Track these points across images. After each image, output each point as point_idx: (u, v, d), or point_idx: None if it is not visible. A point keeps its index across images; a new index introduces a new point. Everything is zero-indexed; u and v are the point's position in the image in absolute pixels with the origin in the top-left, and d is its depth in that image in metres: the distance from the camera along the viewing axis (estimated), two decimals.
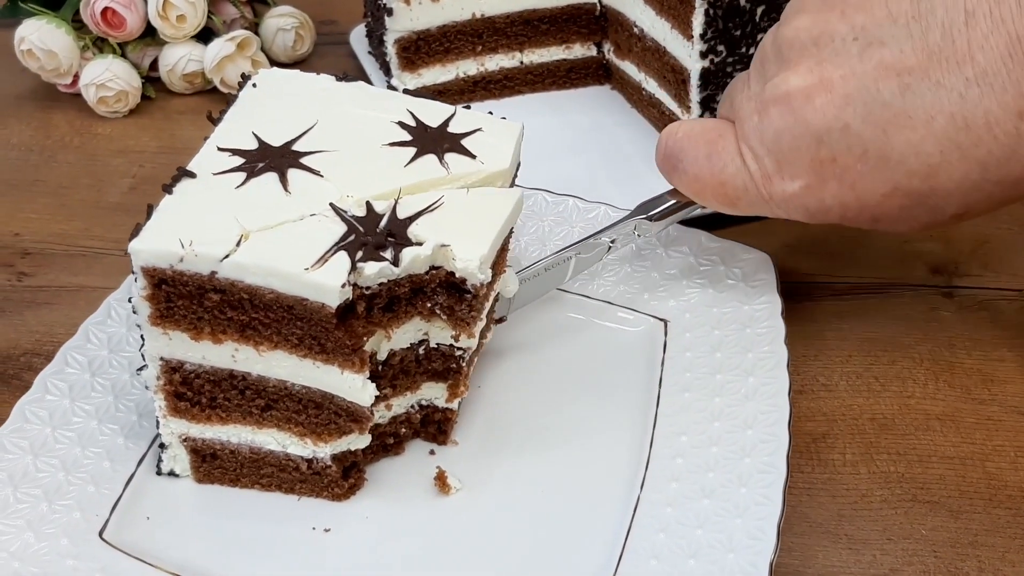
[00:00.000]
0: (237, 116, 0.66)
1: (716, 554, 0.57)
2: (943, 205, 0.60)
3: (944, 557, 0.62)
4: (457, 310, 0.61)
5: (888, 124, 0.58)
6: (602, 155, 0.95)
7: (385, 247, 0.58)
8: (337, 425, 0.62)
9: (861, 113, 0.58)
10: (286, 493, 0.65)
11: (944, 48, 0.55)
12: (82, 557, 0.58)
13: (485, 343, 0.70)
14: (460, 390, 0.66)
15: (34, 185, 0.94)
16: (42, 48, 1.00)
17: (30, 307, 0.80)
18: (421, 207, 0.61)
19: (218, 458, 0.64)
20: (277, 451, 0.63)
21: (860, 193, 0.61)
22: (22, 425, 0.64)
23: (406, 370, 0.65)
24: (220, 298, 0.58)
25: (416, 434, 0.68)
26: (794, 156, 0.61)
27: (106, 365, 0.69)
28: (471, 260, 0.59)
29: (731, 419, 0.64)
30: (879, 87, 0.58)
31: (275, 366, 0.60)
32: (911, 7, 0.57)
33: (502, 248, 0.64)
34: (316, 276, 0.56)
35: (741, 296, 0.72)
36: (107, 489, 0.63)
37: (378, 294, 0.59)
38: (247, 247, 0.57)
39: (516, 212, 0.64)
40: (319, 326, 0.57)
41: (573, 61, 1.03)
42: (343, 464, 0.64)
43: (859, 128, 0.59)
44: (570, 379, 0.71)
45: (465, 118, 0.67)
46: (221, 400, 0.62)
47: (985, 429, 0.70)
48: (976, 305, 0.80)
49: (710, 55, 0.84)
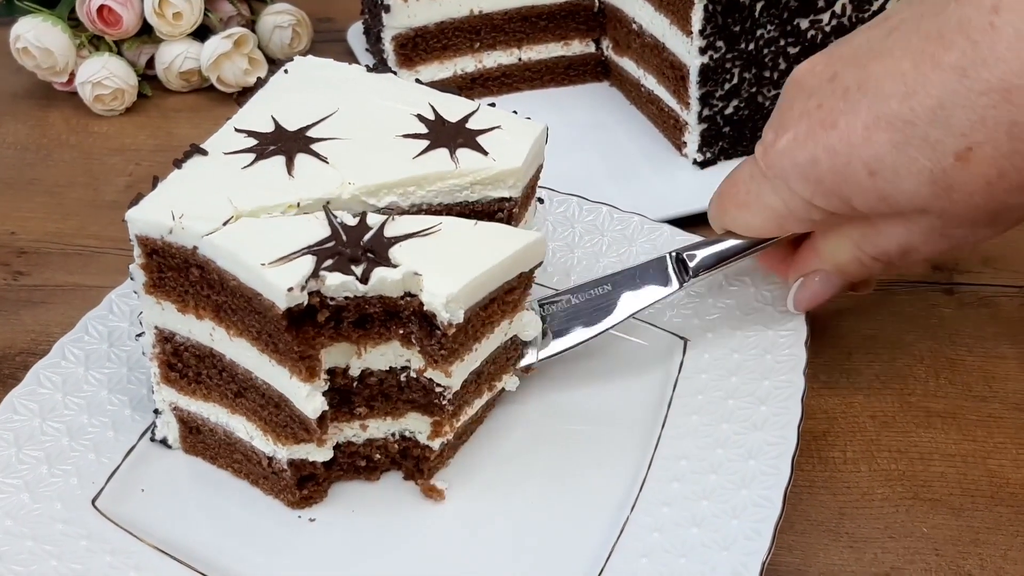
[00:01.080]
0: (261, 100, 0.67)
1: (709, 553, 0.57)
2: (935, 137, 0.55)
3: (946, 555, 0.62)
4: (427, 344, 0.59)
5: (870, 60, 0.58)
6: (601, 152, 0.94)
7: (359, 261, 0.56)
8: (293, 431, 0.61)
9: (849, 59, 0.59)
10: (252, 484, 0.64)
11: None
12: (71, 523, 0.59)
13: (498, 394, 0.67)
14: (444, 430, 0.62)
15: (30, 184, 0.94)
16: (38, 46, 0.99)
17: (26, 306, 0.80)
18: (415, 229, 0.59)
19: (201, 432, 0.65)
20: (245, 440, 0.63)
21: (844, 132, 0.58)
22: (34, 388, 0.66)
23: (386, 394, 0.62)
24: (200, 274, 0.58)
25: (395, 464, 0.65)
26: (787, 113, 0.61)
27: (124, 337, 0.70)
28: (437, 295, 0.55)
29: (735, 447, 0.63)
30: (868, 36, 0.59)
31: (242, 354, 0.60)
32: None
33: (508, 290, 0.61)
34: (269, 274, 0.55)
35: (767, 320, 0.71)
36: (107, 458, 0.64)
37: (345, 307, 0.57)
38: (228, 230, 0.57)
39: (528, 255, 0.61)
40: (272, 324, 0.56)
41: (571, 58, 1.02)
42: (300, 472, 0.62)
43: (844, 72, 0.59)
44: (579, 390, 0.70)
45: (487, 115, 0.66)
46: (204, 376, 0.63)
47: (986, 426, 0.69)
48: (977, 302, 0.79)
49: (709, 51, 0.84)
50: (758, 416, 0.64)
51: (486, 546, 0.61)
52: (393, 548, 0.61)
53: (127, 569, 0.58)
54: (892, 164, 0.56)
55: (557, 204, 0.80)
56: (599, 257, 0.77)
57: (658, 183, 0.90)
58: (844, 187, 0.59)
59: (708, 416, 0.65)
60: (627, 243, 0.77)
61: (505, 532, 0.62)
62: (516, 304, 0.63)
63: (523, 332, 0.65)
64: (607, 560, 0.58)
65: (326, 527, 0.62)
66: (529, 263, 0.62)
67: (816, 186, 0.60)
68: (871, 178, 0.57)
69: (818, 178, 0.59)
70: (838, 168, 0.58)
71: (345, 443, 0.63)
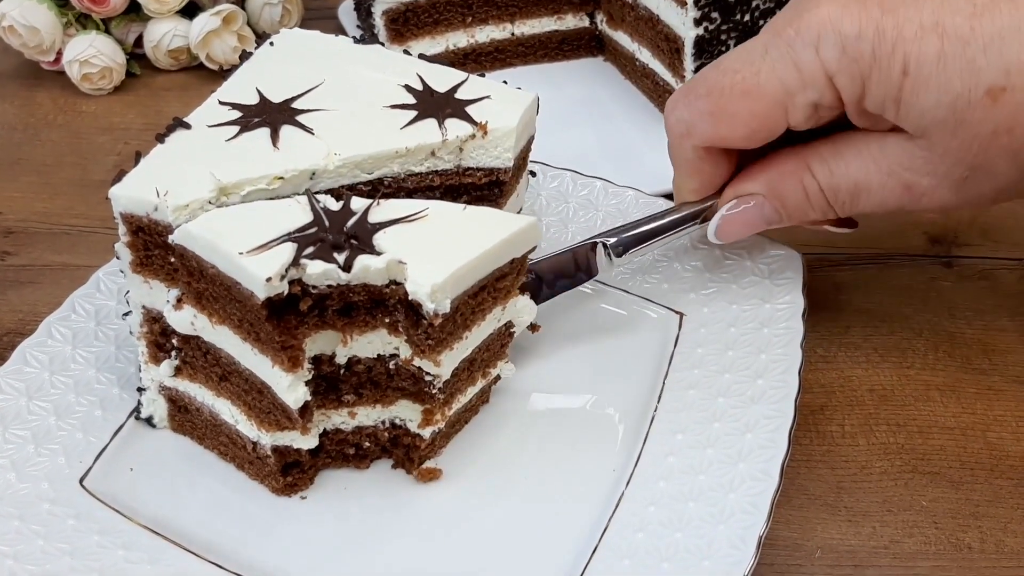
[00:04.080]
0: (247, 72, 0.66)
1: (706, 527, 0.56)
2: (980, 64, 0.54)
3: (945, 528, 0.61)
4: (413, 334, 0.57)
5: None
6: (595, 128, 0.93)
7: (342, 249, 0.55)
8: (276, 418, 0.59)
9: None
10: (237, 468, 0.63)
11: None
12: (59, 502, 0.59)
13: (494, 381, 0.65)
14: (435, 418, 0.60)
15: (17, 164, 0.93)
16: (24, 24, 0.98)
17: (13, 286, 0.79)
18: (400, 214, 0.57)
19: (188, 412, 0.64)
20: (230, 423, 0.62)
21: (900, 21, 0.55)
22: (20, 368, 0.65)
23: (375, 381, 0.61)
24: (181, 262, 0.57)
25: (385, 453, 0.64)
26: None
27: (112, 315, 0.69)
28: (422, 286, 0.54)
29: (732, 421, 0.62)
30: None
31: (225, 341, 0.59)
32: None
33: (498, 277, 0.59)
34: (247, 262, 0.53)
35: (764, 293, 0.69)
36: (95, 437, 0.63)
37: (328, 296, 0.55)
38: (206, 217, 0.56)
39: (520, 240, 0.59)
40: (252, 313, 0.55)
41: (565, 32, 1.01)
42: (284, 459, 0.60)
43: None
44: (571, 366, 0.69)
45: (476, 85, 0.65)
46: (189, 357, 0.62)
47: (986, 399, 0.68)
48: (976, 275, 0.78)
49: (704, 22, 0.82)
50: (755, 390, 0.63)
51: (474, 534, 0.60)
52: (382, 529, 0.60)
53: (115, 548, 0.57)
54: (928, 73, 0.55)
55: (551, 179, 0.79)
56: (593, 231, 0.76)
57: (654, 158, 0.88)
58: (873, 74, 0.57)
59: (704, 390, 0.65)
60: (622, 217, 0.76)
61: (492, 518, 0.61)
62: (508, 290, 0.61)
63: (517, 318, 0.63)
64: (602, 535, 0.57)
65: (315, 506, 0.62)
66: (521, 248, 0.60)
67: (849, 63, 0.57)
68: (902, 77, 0.56)
69: (856, 55, 0.57)
70: (879, 54, 0.56)
71: (333, 430, 0.62)
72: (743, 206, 0.65)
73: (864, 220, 0.82)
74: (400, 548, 0.59)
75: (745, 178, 0.65)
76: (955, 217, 0.83)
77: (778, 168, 0.63)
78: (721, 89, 0.61)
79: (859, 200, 0.61)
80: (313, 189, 0.60)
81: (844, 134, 0.61)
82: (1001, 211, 0.84)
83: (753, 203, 0.64)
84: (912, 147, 0.58)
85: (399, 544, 0.60)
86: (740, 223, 0.65)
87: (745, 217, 0.65)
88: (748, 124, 0.61)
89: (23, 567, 0.55)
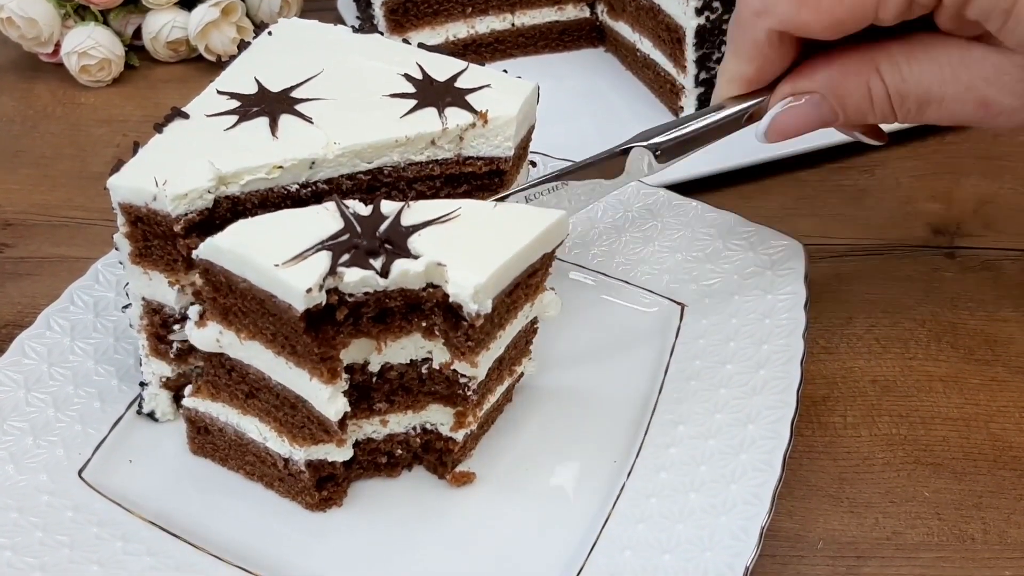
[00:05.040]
0: (245, 61, 0.65)
1: (707, 518, 0.56)
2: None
3: (948, 519, 0.61)
4: (452, 336, 0.55)
5: None
6: (597, 119, 0.93)
7: (377, 254, 0.53)
8: (311, 431, 0.58)
9: None
10: (266, 487, 0.61)
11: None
12: (57, 494, 0.59)
13: (518, 379, 0.64)
14: (468, 420, 0.59)
15: (16, 156, 0.92)
16: (22, 16, 0.97)
17: (11, 278, 0.79)
18: (433, 216, 0.55)
19: (210, 433, 0.62)
20: (258, 441, 0.60)
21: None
22: (19, 359, 0.64)
23: (407, 387, 0.59)
24: (206, 278, 0.55)
25: (417, 459, 0.62)
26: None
27: (110, 307, 0.68)
28: (464, 288, 0.52)
29: (734, 412, 0.61)
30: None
31: (255, 357, 0.57)
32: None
33: (531, 273, 0.58)
34: (284, 274, 0.51)
35: (766, 284, 0.69)
36: (93, 429, 0.63)
37: (364, 303, 0.54)
38: (232, 230, 0.54)
39: (551, 236, 0.57)
40: (289, 326, 0.53)
41: (566, 23, 1.00)
42: (318, 473, 0.59)
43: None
44: (572, 357, 0.68)
45: (476, 74, 0.64)
46: (212, 376, 0.60)
47: (989, 390, 0.68)
48: (979, 265, 0.78)
49: (705, 11, 0.82)
50: (757, 380, 0.63)
51: (473, 525, 0.60)
52: (382, 518, 0.60)
53: (114, 540, 0.57)
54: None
55: (551, 169, 0.78)
56: (595, 223, 0.76)
57: None
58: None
59: (706, 381, 0.64)
60: (622, 208, 0.76)
61: (495, 507, 0.60)
62: (538, 286, 0.60)
63: (544, 313, 0.62)
64: (603, 526, 0.57)
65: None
66: (552, 243, 0.58)
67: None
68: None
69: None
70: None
71: (364, 440, 0.60)
72: (798, 102, 0.60)
73: (866, 211, 0.82)
74: (393, 533, 0.59)
75: (802, 74, 0.60)
76: (958, 207, 0.83)
77: (841, 66, 0.58)
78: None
79: (927, 110, 0.57)
80: (312, 179, 0.59)
81: (920, 36, 0.57)
82: (1004, 201, 0.83)
83: (810, 100, 0.59)
84: (1003, 62, 0.54)
85: (394, 529, 0.59)
86: (794, 121, 0.60)
87: (800, 115, 0.60)
88: (834, 11, 0.55)
89: (22, 559, 0.55)
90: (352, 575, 0.57)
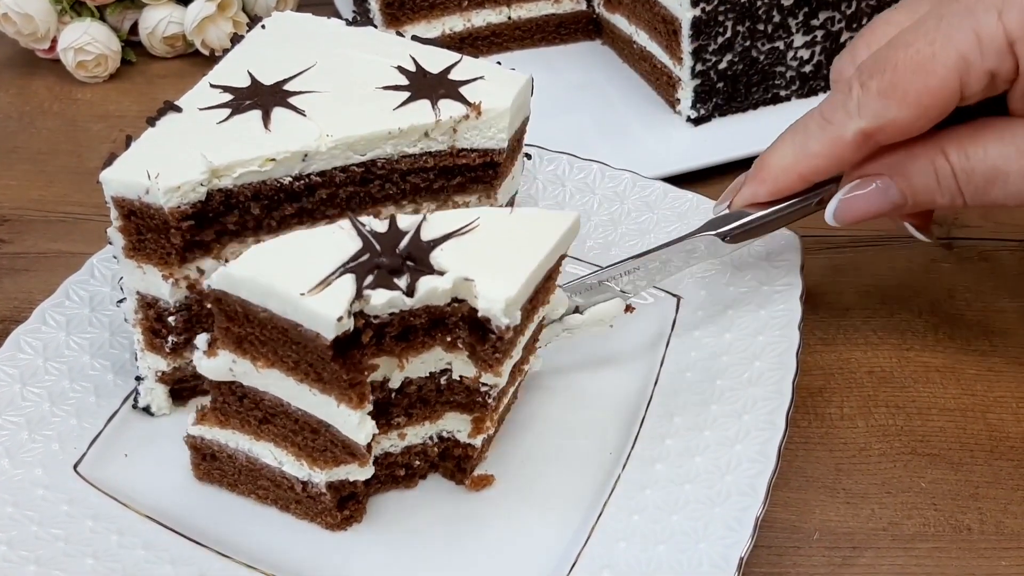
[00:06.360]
0: (238, 55, 0.65)
1: (702, 509, 0.56)
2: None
3: (944, 510, 0.60)
4: (480, 350, 0.54)
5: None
6: (594, 112, 0.92)
7: (401, 273, 0.51)
8: (333, 454, 0.56)
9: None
10: (281, 510, 0.60)
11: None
12: (52, 488, 0.59)
13: (524, 377, 0.63)
14: (485, 425, 0.59)
15: (13, 152, 0.92)
16: (18, 12, 0.97)
17: (8, 274, 0.79)
18: (451, 228, 0.54)
19: (217, 459, 0.60)
20: (273, 465, 0.59)
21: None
22: (14, 354, 0.64)
23: (425, 399, 0.58)
24: (218, 307, 0.53)
25: (433, 468, 0.61)
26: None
27: (106, 302, 0.68)
28: (495, 302, 0.51)
29: (729, 403, 0.61)
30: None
31: (272, 384, 0.55)
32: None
33: (548, 276, 0.57)
34: (313, 303, 0.49)
35: (762, 276, 0.69)
36: (89, 423, 0.63)
37: (389, 323, 0.52)
38: (246, 257, 0.52)
39: (567, 238, 0.57)
40: (315, 354, 0.51)
41: (562, 15, 1.00)
42: (340, 494, 0.58)
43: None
44: (566, 352, 0.68)
45: (469, 66, 0.64)
46: (221, 403, 0.58)
47: (986, 380, 0.68)
48: (976, 256, 0.78)
49: (701, 3, 0.82)
50: (752, 372, 0.63)
51: (466, 517, 0.60)
52: (387, 511, 0.60)
53: (109, 534, 0.57)
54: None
55: (547, 162, 0.78)
56: (590, 215, 0.76)
57: (652, 141, 0.88)
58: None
59: (702, 373, 0.64)
60: (618, 200, 0.76)
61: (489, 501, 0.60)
62: (552, 287, 0.59)
63: (552, 312, 0.62)
64: (598, 518, 0.57)
65: None
66: (567, 244, 0.58)
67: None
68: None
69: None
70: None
71: (382, 455, 0.59)
72: (866, 188, 0.60)
73: None
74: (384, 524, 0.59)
75: (868, 160, 0.60)
76: None
77: (908, 150, 0.59)
78: (895, 64, 0.56)
79: (993, 187, 0.57)
80: (305, 171, 0.59)
81: (984, 119, 0.58)
82: None
83: (878, 184, 0.60)
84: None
85: (401, 525, 0.59)
86: (862, 205, 0.61)
87: (868, 198, 0.60)
88: (920, 102, 0.56)
89: (17, 552, 0.55)
90: (345, 562, 0.57)
